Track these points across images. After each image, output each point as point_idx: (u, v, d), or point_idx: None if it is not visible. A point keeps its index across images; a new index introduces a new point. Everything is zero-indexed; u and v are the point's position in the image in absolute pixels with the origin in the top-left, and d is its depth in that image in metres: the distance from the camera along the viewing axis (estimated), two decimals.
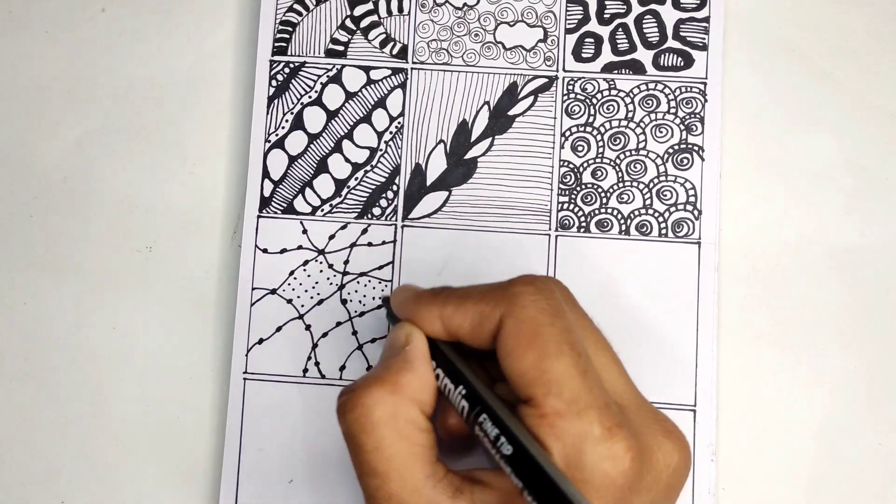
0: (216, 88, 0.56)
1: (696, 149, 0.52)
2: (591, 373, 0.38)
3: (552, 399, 0.37)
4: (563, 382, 0.37)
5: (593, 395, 0.37)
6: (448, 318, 0.41)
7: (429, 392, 0.41)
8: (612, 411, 0.37)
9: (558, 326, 0.38)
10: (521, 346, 0.38)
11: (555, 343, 0.38)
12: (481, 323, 0.40)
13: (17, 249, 0.55)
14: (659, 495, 0.38)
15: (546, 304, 0.39)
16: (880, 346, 0.52)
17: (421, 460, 0.39)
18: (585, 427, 0.36)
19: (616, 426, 0.37)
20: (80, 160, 0.55)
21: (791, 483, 0.51)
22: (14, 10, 0.57)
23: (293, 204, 0.53)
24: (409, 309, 0.43)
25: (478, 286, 0.41)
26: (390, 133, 0.53)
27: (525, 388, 0.38)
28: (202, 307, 0.54)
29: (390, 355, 0.42)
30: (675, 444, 0.40)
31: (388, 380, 0.40)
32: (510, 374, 0.38)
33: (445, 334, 0.42)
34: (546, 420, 0.37)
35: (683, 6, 0.53)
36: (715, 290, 0.51)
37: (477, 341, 0.41)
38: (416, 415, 0.40)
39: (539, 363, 0.37)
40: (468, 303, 0.40)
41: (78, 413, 0.54)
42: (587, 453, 0.36)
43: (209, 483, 0.53)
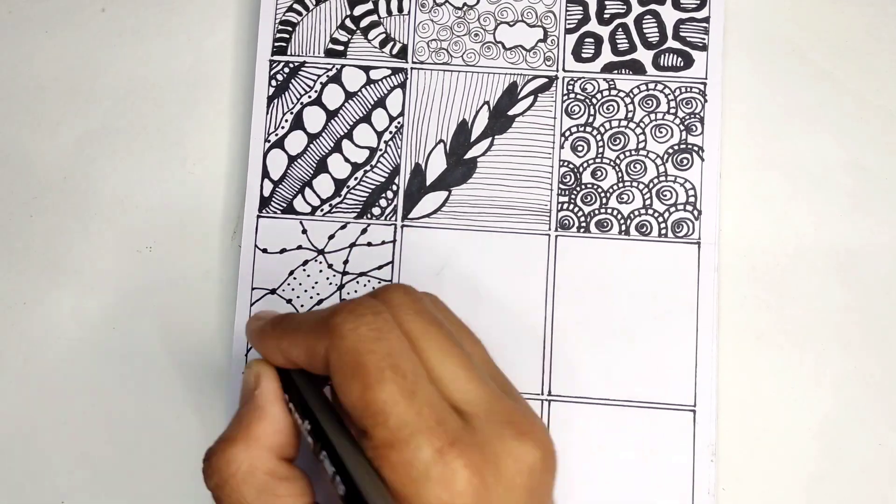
0: (216, 88, 0.56)
1: (695, 149, 0.52)
2: (420, 392, 0.36)
3: (379, 430, 0.35)
4: (387, 410, 0.35)
5: (421, 417, 0.35)
6: (286, 352, 0.40)
7: (285, 434, 0.40)
8: (445, 429, 0.35)
9: (379, 352, 0.36)
10: (346, 379, 0.36)
11: (375, 370, 0.36)
12: (312, 357, 0.39)
13: (17, 249, 0.55)
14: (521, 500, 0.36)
15: (365, 328, 0.37)
16: (880, 346, 0.52)
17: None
18: (413, 453, 0.35)
19: (448, 445, 0.35)
20: (80, 160, 0.55)
21: (791, 483, 0.51)
22: (14, 10, 0.57)
23: (293, 204, 0.53)
24: (256, 343, 0.42)
25: (310, 316, 0.40)
26: (390, 133, 0.53)
27: (358, 420, 0.36)
28: (202, 307, 0.54)
29: (242, 402, 0.41)
30: (528, 445, 0.37)
31: (239, 435, 0.39)
32: (345, 408, 0.37)
33: (291, 366, 0.41)
34: (378, 451, 0.35)
35: (683, 6, 0.53)
36: (715, 291, 0.51)
37: (318, 371, 0.39)
38: (275, 465, 0.39)
39: (363, 394, 0.36)
40: (298, 336, 0.39)
41: (78, 413, 0.54)
42: (419, 480, 0.34)
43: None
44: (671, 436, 0.50)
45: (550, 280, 0.52)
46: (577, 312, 0.51)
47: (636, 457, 0.50)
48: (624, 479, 0.50)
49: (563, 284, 0.52)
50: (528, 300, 0.51)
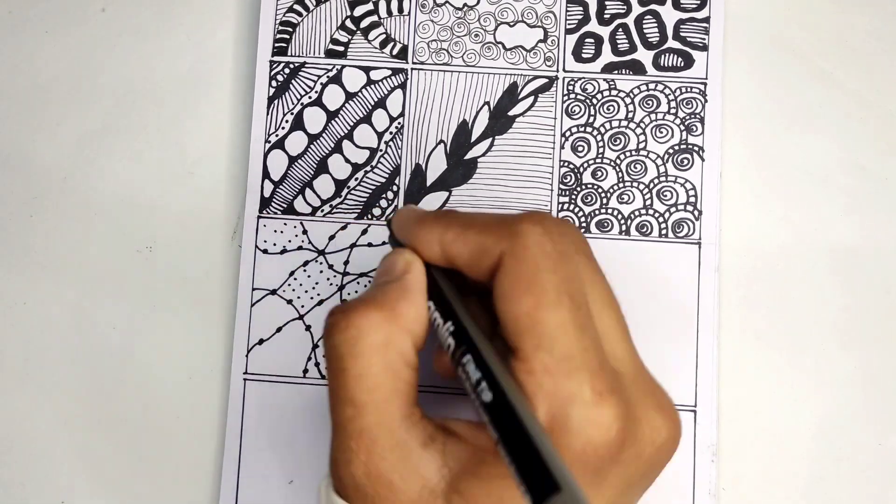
0: (216, 88, 0.56)
1: (696, 149, 0.52)
2: (589, 330, 0.35)
3: (543, 353, 0.34)
4: (556, 337, 0.34)
5: (588, 355, 0.34)
6: (448, 245, 0.38)
7: (422, 325, 0.38)
8: (605, 375, 0.34)
9: (561, 274, 0.35)
10: (518, 290, 0.35)
11: (554, 291, 0.35)
12: (480, 256, 0.37)
13: (17, 249, 0.55)
14: (639, 471, 0.36)
15: (552, 247, 0.36)
16: (880, 346, 0.52)
17: (402, 398, 0.36)
18: (575, 388, 0.33)
19: (608, 391, 0.34)
20: (80, 160, 0.55)
21: (791, 483, 0.51)
22: (14, 10, 0.57)
23: (293, 204, 0.53)
24: (410, 230, 0.40)
25: (484, 214, 0.38)
26: (390, 133, 0.53)
27: (516, 336, 0.35)
28: (202, 307, 0.54)
29: (387, 280, 0.39)
30: (664, 421, 0.37)
31: (385, 305, 0.37)
32: (503, 319, 0.35)
33: (444, 261, 0.39)
34: (534, 377, 0.34)
35: (683, 6, 0.53)
36: (715, 291, 0.51)
37: (476, 274, 0.38)
38: (408, 348, 0.37)
39: (534, 311, 0.34)
40: (470, 232, 0.37)
41: (78, 413, 0.54)
42: (573, 416, 0.33)
43: (209, 483, 0.53)
44: None
45: None
46: None
47: None
48: None
49: None
50: None
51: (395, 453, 0.36)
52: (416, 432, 0.36)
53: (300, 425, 0.51)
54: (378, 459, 0.36)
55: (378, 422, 0.36)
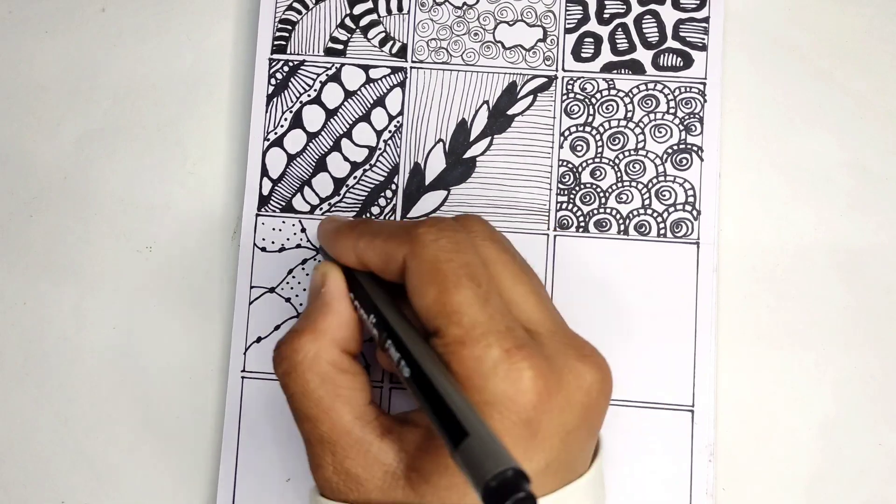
0: (216, 87, 0.56)
1: (695, 149, 0.52)
2: (492, 301, 0.39)
3: (453, 328, 0.38)
4: (462, 311, 0.38)
5: (493, 321, 0.38)
6: (360, 253, 0.43)
7: (349, 328, 0.43)
8: (514, 335, 0.38)
9: (457, 261, 0.39)
10: (424, 283, 0.39)
11: (453, 276, 0.39)
12: (388, 261, 0.41)
13: (17, 249, 0.55)
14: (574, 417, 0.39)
15: (446, 241, 0.40)
16: (880, 346, 0.52)
17: (347, 402, 0.41)
18: (483, 350, 0.37)
19: (516, 348, 0.37)
20: (80, 160, 0.55)
21: (791, 483, 0.51)
22: (14, 10, 0.57)
23: (292, 202, 0.53)
24: (329, 240, 0.45)
25: (389, 224, 0.43)
26: (389, 132, 0.53)
27: (431, 321, 0.39)
28: (202, 306, 0.54)
29: (310, 300, 0.45)
30: (587, 366, 0.40)
31: (307, 328, 0.42)
32: (418, 312, 0.39)
33: (361, 267, 0.43)
34: (449, 348, 0.38)
35: (683, 6, 0.53)
36: (714, 291, 0.51)
37: (389, 277, 0.42)
38: (338, 356, 0.42)
39: (440, 296, 0.38)
40: (377, 240, 0.42)
41: (78, 413, 0.54)
42: (487, 376, 0.37)
43: (207, 481, 0.53)
44: (669, 436, 0.50)
45: (549, 280, 0.52)
46: (575, 312, 0.51)
47: (634, 457, 0.50)
48: (621, 479, 0.50)
49: (562, 284, 0.52)
50: None
51: (354, 449, 0.40)
52: (372, 428, 0.41)
53: None
54: (342, 459, 0.40)
55: (332, 427, 0.41)
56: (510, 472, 0.30)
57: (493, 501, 0.30)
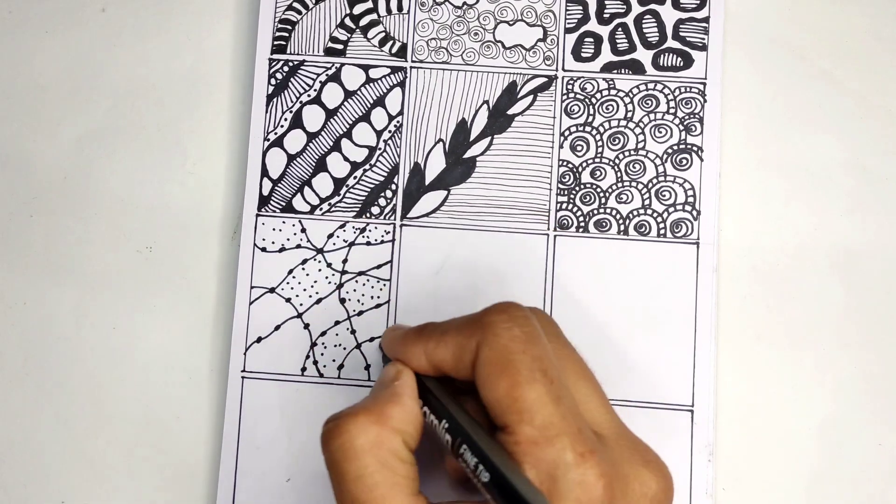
0: (216, 88, 0.56)
1: (695, 149, 0.52)
2: (564, 399, 0.38)
3: (525, 426, 0.37)
4: (535, 409, 0.37)
5: (566, 422, 0.37)
6: (431, 353, 0.42)
7: (413, 425, 0.41)
8: (585, 437, 0.37)
9: (530, 354, 0.38)
10: (495, 375, 0.38)
11: (527, 370, 0.38)
12: (461, 354, 0.40)
13: (17, 249, 0.55)
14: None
15: (519, 331, 0.39)
16: (880, 346, 0.52)
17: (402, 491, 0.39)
18: (558, 453, 0.36)
19: (588, 452, 0.37)
20: (80, 160, 0.55)
21: (791, 483, 0.51)
22: (14, 10, 0.57)
23: (292, 203, 0.53)
24: (398, 349, 0.44)
25: (457, 319, 0.42)
26: (389, 132, 0.53)
27: (500, 416, 0.38)
28: (202, 306, 0.54)
29: (379, 389, 0.43)
30: (653, 474, 0.39)
31: (373, 410, 0.40)
32: (487, 403, 0.39)
33: (432, 369, 0.42)
34: (521, 447, 0.37)
35: (683, 6, 0.53)
36: (713, 291, 0.51)
37: (461, 373, 0.41)
38: (399, 446, 0.40)
39: (511, 391, 0.38)
40: (448, 336, 0.41)
41: (78, 413, 0.54)
42: (560, 479, 0.36)
43: (207, 481, 0.53)
44: (669, 436, 0.50)
45: (549, 280, 0.52)
46: (575, 312, 0.51)
47: None
48: None
49: (562, 284, 0.52)
50: (526, 300, 0.51)
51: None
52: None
53: (297, 423, 0.51)
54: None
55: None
56: None
57: None
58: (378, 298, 0.52)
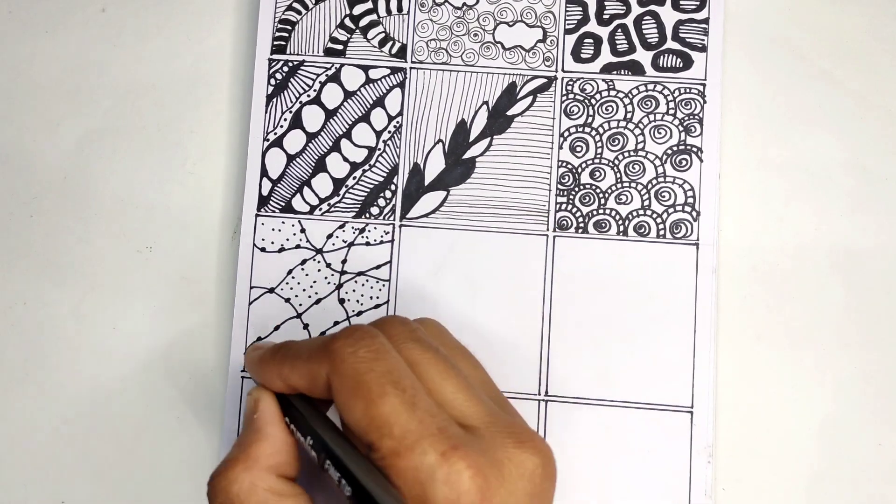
0: (215, 88, 0.56)
1: (694, 150, 0.52)
2: (420, 404, 0.38)
3: (385, 440, 0.37)
4: (391, 422, 0.37)
5: (424, 425, 0.37)
6: (286, 378, 0.42)
7: (284, 454, 0.42)
8: (447, 435, 0.37)
9: (378, 370, 0.39)
10: (349, 399, 0.39)
11: (377, 386, 0.38)
12: (314, 381, 0.41)
13: (17, 249, 0.55)
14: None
15: (364, 351, 0.39)
16: (880, 346, 0.52)
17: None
18: (419, 458, 0.37)
19: (451, 449, 0.37)
20: (80, 160, 0.56)
21: (791, 484, 0.51)
22: (14, 10, 0.57)
23: (291, 203, 0.53)
24: (256, 371, 0.44)
25: (308, 342, 0.42)
26: (389, 132, 0.53)
27: (364, 436, 0.38)
28: (202, 307, 0.54)
29: (243, 428, 0.44)
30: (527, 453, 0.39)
31: (239, 457, 0.41)
32: (350, 428, 0.39)
33: (291, 391, 0.43)
34: (386, 461, 0.37)
35: (683, 7, 0.53)
36: (713, 292, 0.51)
37: (320, 395, 0.41)
38: (274, 482, 0.41)
39: (367, 410, 0.38)
40: (298, 363, 0.41)
41: (78, 413, 0.54)
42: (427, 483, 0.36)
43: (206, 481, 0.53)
44: (668, 437, 0.50)
45: (548, 280, 0.52)
46: (574, 313, 0.51)
47: (633, 458, 0.50)
48: (620, 480, 0.50)
49: (561, 285, 0.52)
50: (525, 300, 0.51)
51: None
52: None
53: None
54: None
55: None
56: None
57: None
58: (377, 299, 0.52)
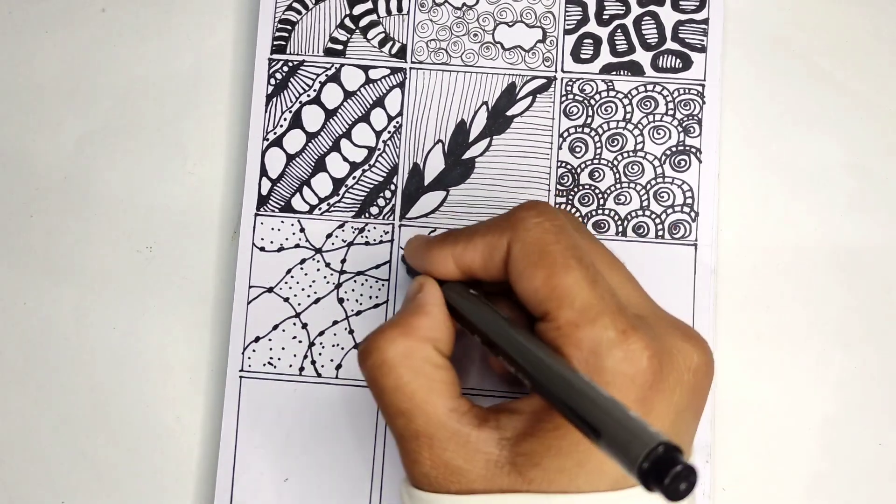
0: (215, 88, 0.56)
1: (693, 151, 0.52)
2: (600, 282, 0.39)
3: (565, 310, 0.38)
4: (573, 293, 0.38)
5: (605, 302, 0.38)
6: (459, 256, 0.42)
7: (442, 331, 0.42)
8: (625, 315, 0.38)
9: (563, 243, 0.39)
10: (530, 267, 0.39)
11: (561, 258, 0.39)
12: (491, 254, 0.41)
13: (17, 249, 0.55)
14: (683, 397, 0.39)
15: (550, 224, 0.40)
16: (880, 346, 0.52)
17: (441, 395, 0.40)
18: (600, 332, 0.37)
19: (630, 328, 0.38)
20: (80, 160, 0.56)
21: (791, 483, 0.51)
22: (14, 10, 0.57)
23: (291, 202, 0.53)
24: (422, 256, 0.45)
25: (483, 222, 0.43)
26: (388, 132, 0.53)
27: (539, 305, 0.39)
28: (201, 306, 0.54)
29: (404, 305, 0.44)
30: (693, 346, 0.40)
31: (399, 323, 0.42)
32: (524, 296, 0.40)
33: (459, 273, 0.43)
34: (561, 331, 0.38)
35: (682, 8, 0.53)
36: (711, 292, 0.51)
37: (491, 273, 0.42)
38: (431, 352, 0.41)
39: (549, 279, 0.38)
40: (476, 237, 0.42)
41: (78, 413, 0.54)
42: (604, 357, 0.37)
43: (205, 480, 0.53)
44: None
45: None
46: None
47: None
48: None
49: None
50: None
51: (452, 442, 0.40)
52: (467, 419, 0.40)
53: (295, 423, 0.52)
54: (440, 452, 0.40)
55: (427, 421, 0.40)
56: (661, 449, 0.29)
57: (651, 481, 0.29)
58: (377, 298, 0.52)
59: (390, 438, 0.51)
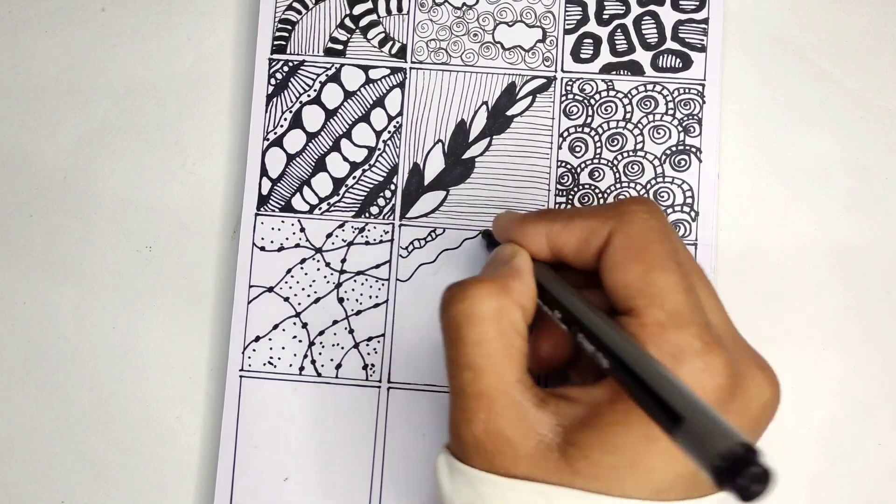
0: (215, 88, 0.56)
1: (693, 150, 0.52)
2: (693, 293, 0.39)
3: (655, 310, 0.38)
4: (666, 295, 0.38)
5: (696, 312, 0.38)
6: (555, 236, 0.42)
7: (531, 301, 0.41)
8: (711, 330, 0.38)
9: (667, 245, 0.39)
10: (629, 259, 0.39)
11: (662, 258, 0.39)
12: (588, 239, 0.41)
13: (17, 249, 0.55)
14: (747, 424, 0.39)
15: (657, 223, 0.40)
16: (880, 346, 0.52)
17: (514, 363, 0.39)
18: (686, 339, 0.37)
19: (715, 343, 0.37)
20: (80, 160, 0.56)
21: (791, 483, 0.51)
22: (14, 10, 0.57)
23: (291, 202, 0.53)
24: (514, 229, 0.44)
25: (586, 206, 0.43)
26: (388, 132, 0.53)
27: (628, 299, 0.39)
28: (201, 306, 0.54)
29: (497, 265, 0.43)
30: (767, 378, 0.40)
31: (497, 280, 0.40)
32: (614, 287, 0.39)
33: (549, 253, 0.43)
34: (647, 329, 0.37)
35: (682, 7, 0.53)
36: None
37: (581, 258, 0.41)
38: (518, 318, 0.40)
39: (645, 276, 0.38)
40: (577, 220, 0.41)
41: (78, 413, 0.54)
42: (685, 364, 0.37)
43: (205, 480, 0.53)
44: None
45: None
46: None
47: None
48: None
49: None
50: None
51: (511, 411, 0.39)
52: (530, 395, 0.39)
53: (295, 422, 0.52)
54: (496, 417, 0.39)
55: (495, 384, 0.39)
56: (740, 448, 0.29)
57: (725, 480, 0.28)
58: (376, 298, 0.52)
59: (390, 438, 0.51)
